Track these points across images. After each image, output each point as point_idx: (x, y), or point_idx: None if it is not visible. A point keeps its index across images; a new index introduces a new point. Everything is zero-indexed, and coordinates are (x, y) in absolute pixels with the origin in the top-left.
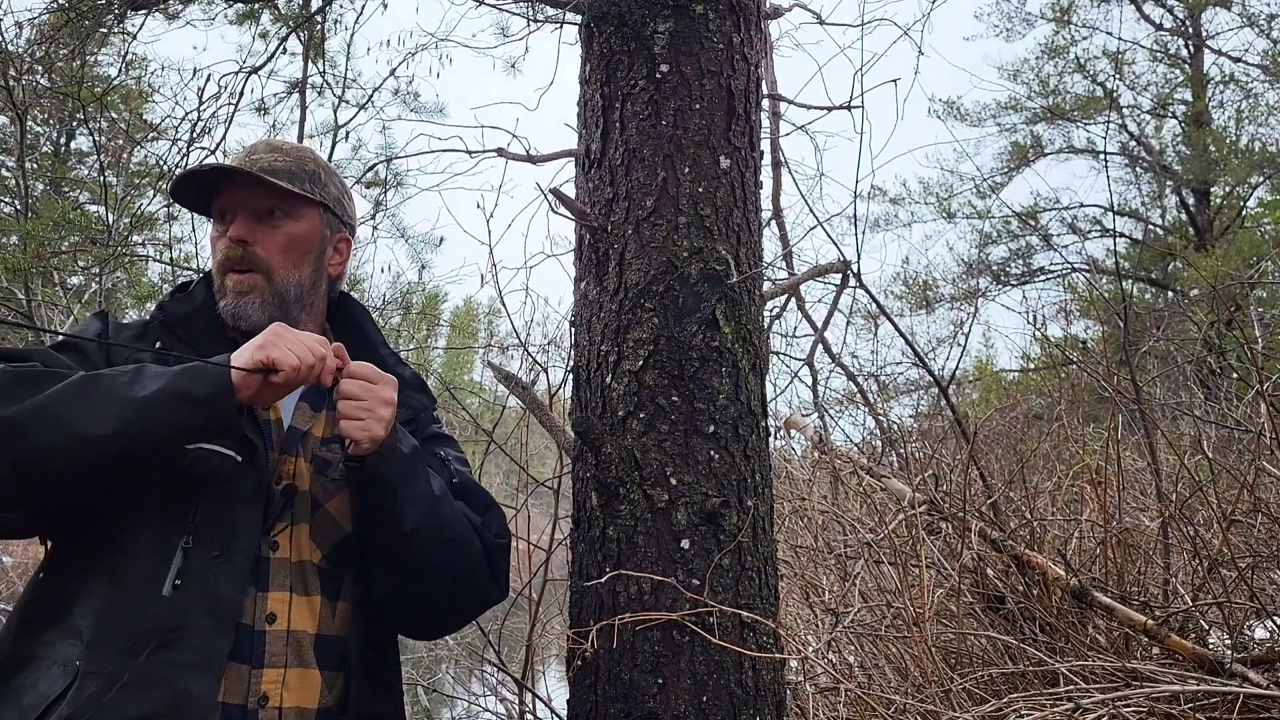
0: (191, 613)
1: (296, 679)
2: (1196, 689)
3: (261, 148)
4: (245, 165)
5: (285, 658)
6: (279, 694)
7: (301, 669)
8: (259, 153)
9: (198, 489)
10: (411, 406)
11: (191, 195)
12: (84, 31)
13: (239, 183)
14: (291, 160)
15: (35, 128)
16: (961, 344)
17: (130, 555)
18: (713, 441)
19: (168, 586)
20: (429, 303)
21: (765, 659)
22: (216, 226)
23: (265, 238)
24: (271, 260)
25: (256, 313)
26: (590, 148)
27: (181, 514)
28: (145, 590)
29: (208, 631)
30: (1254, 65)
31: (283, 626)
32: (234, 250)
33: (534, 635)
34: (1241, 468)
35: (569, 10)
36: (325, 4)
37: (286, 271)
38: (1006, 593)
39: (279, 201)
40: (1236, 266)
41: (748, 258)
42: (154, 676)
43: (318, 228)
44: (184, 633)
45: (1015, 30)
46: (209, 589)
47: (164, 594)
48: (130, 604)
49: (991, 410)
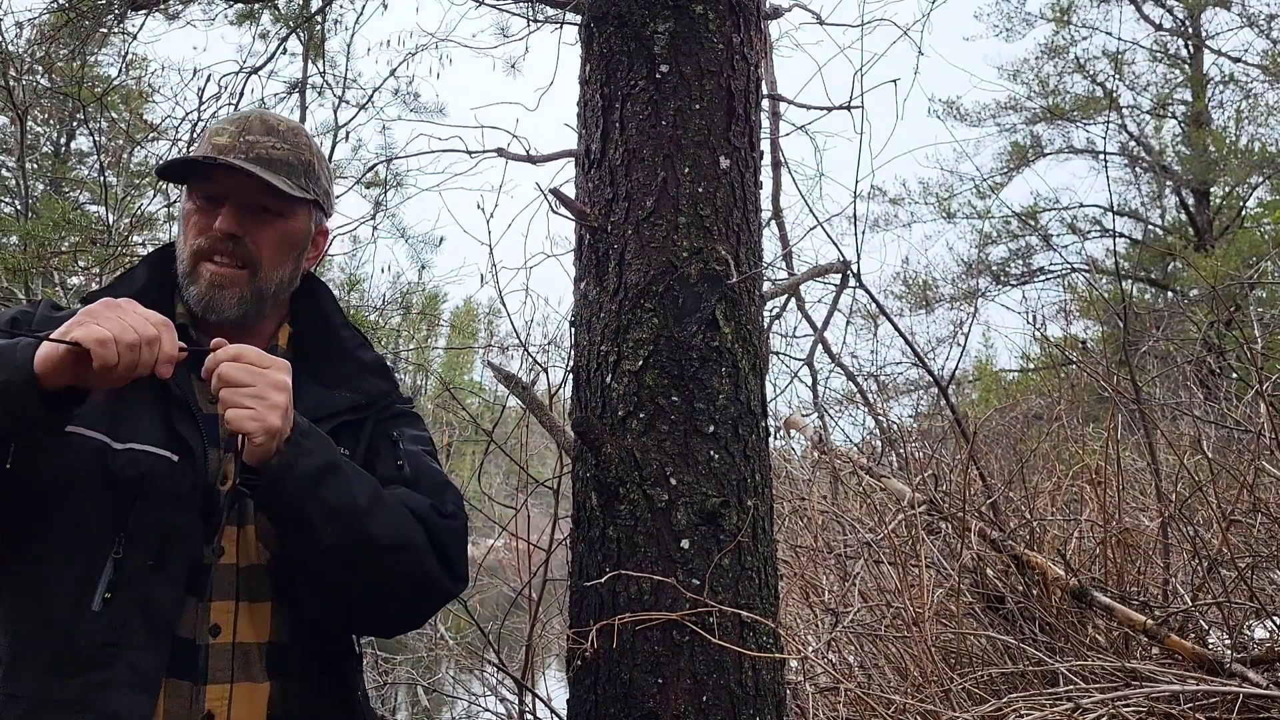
0: (125, 628)
1: (244, 694)
2: (1196, 689)
3: (257, 127)
4: (241, 148)
5: (231, 672)
6: (224, 711)
7: (249, 683)
8: (254, 133)
9: (129, 493)
10: (366, 391)
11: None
12: (84, 31)
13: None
14: (289, 148)
15: (35, 128)
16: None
17: (52, 566)
18: (713, 441)
19: (98, 600)
20: (429, 303)
21: (765, 659)
22: (198, 206)
23: (256, 232)
24: (260, 256)
25: (232, 308)
26: (590, 148)
27: (112, 521)
28: (72, 604)
29: (141, 648)
30: (1254, 65)
31: (227, 639)
32: (223, 244)
33: (534, 635)
34: (1241, 468)
35: (569, 10)
36: (325, 4)
37: (272, 268)
38: (1006, 593)
39: (273, 199)
40: (1236, 266)
41: (748, 258)
42: (83, 699)
43: (307, 225)
44: (116, 650)
45: (1015, 30)
46: (142, 601)
47: (93, 609)
48: (55, 619)
49: (991, 410)
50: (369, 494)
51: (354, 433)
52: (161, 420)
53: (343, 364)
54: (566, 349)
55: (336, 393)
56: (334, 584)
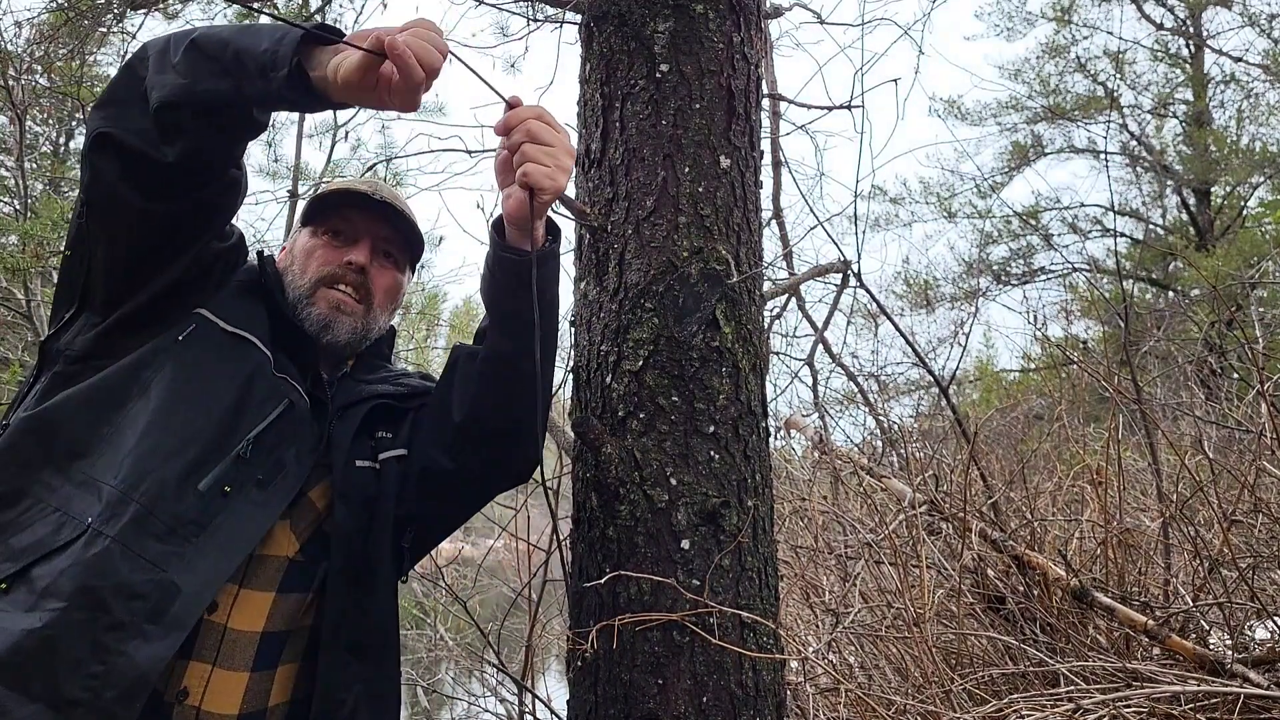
0: (215, 520)
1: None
2: (1197, 689)
3: (385, 187)
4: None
5: (215, 654)
6: (200, 693)
7: (229, 670)
8: (384, 191)
9: (269, 410)
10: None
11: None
12: (83, 31)
13: (369, 212)
14: (407, 210)
15: (35, 127)
16: (962, 344)
17: (179, 430)
18: (713, 441)
19: (206, 481)
20: (429, 303)
21: (765, 659)
22: (326, 241)
23: (378, 274)
24: (376, 297)
25: (345, 334)
26: (590, 147)
27: (247, 426)
28: (184, 475)
29: (220, 547)
30: (1255, 65)
31: (221, 619)
32: (353, 275)
33: (534, 635)
34: (1242, 468)
35: (569, 10)
36: (325, 4)
37: (380, 312)
38: (1007, 593)
39: (398, 248)
40: (1237, 266)
41: (748, 257)
42: (158, 561)
43: (406, 280)
44: (198, 533)
45: (1016, 30)
46: (239, 507)
47: (200, 488)
48: (164, 478)
49: (992, 410)
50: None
51: (395, 419)
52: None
53: (384, 373)
54: (566, 349)
55: (378, 385)
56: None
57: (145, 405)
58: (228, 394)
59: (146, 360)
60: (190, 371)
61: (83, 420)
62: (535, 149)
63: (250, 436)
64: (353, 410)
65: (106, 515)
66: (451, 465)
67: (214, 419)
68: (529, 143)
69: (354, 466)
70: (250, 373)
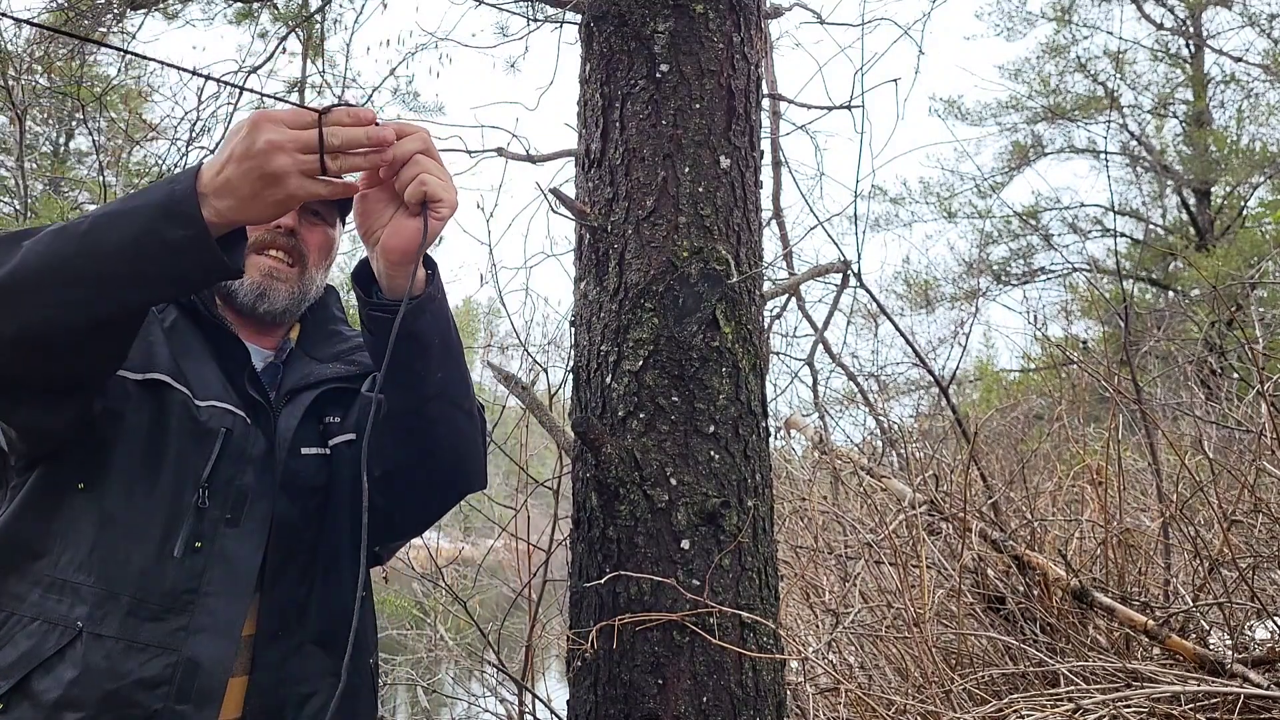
0: (204, 576)
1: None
2: (1197, 689)
3: None
4: None
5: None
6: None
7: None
8: None
9: (210, 446)
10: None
11: None
12: (84, 31)
13: None
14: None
15: (34, 127)
16: (962, 344)
17: (135, 511)
18: (713, 441)
19: (179, 547)
20: None
21: (765, 659)
22: None
23: (309, 233)
24: (309, 257)
25: (282, 300)
26: (590, 147)
27: (195, 472)
28: (155, 550)
29: (220, 595)
30: (1255, 65)
31: None
32: (283, 239)
33: (534, 636)
34: (1242, 468)
35: (569, 10)
36: (324, 3)
37: (315, 271)
38: (1007, 593)
39: (324, 204)
40: (1237, 266)
41: (748, 258)
42: (165, 643)
43: (338, 235)
44: (196, 597)
45: (1016, 30)
46: (221, 552)
47: (175, 555)
48: (138, 563)
49: (992, 410)
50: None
51: (343, 401)
52: (227, 380)
53: (338, 344)
54: (566, 349)
55: (329, 366)
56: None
57: (91, 492)
58: (164, 450)
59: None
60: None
61: (30, 519)
62: (428, 160)
63: (202, 482)
64: (300, 396)
65: (98, 615)
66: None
67: (160, 483)
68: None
69: (299, 455)
70: (177, 417)
